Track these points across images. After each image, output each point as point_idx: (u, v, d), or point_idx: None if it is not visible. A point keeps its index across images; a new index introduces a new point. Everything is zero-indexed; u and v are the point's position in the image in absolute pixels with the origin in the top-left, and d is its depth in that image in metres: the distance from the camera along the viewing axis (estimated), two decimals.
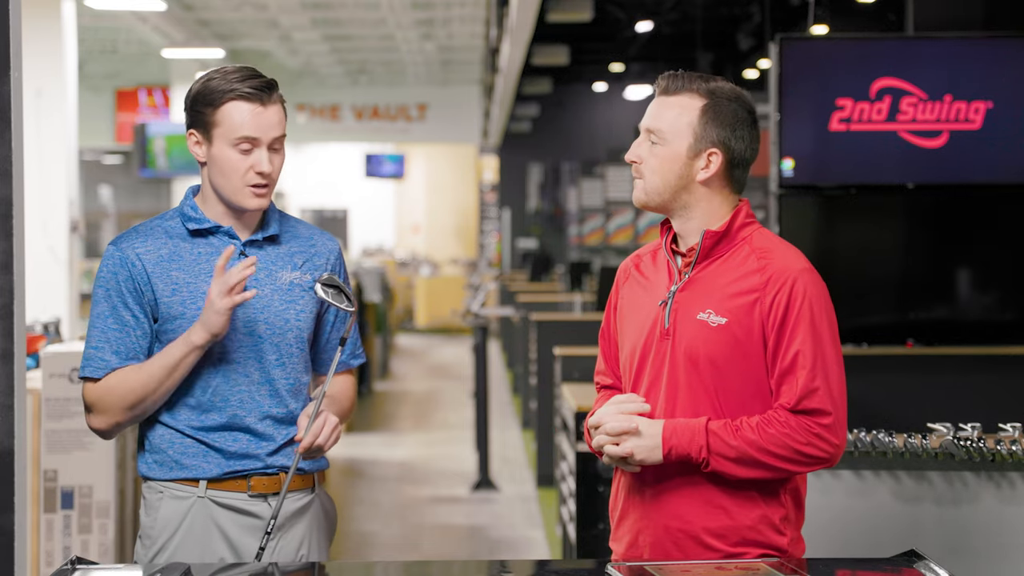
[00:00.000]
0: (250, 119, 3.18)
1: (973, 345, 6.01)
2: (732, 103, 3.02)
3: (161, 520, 3.22)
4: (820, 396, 2.91)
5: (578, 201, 19.60)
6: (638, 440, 2.95)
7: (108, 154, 21.49)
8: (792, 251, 3.03)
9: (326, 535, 3.39)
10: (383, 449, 11.47)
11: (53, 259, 10.60)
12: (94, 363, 3.21)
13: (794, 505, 3.03)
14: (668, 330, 3.00)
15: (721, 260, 3.01)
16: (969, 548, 4.13)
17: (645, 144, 3.05)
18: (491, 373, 11.56)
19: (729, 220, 3.02)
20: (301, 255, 3.35)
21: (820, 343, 2.93)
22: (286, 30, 15.99)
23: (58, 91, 10.71)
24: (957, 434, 4.13)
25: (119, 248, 3.24)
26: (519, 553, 7.80)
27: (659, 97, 3.07)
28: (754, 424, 2.91)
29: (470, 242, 28.47)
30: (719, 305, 2.96)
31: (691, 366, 2.97)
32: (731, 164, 3.03)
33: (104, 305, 3.22)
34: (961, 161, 5.97)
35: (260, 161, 3.20)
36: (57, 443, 5.02)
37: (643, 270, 3.15)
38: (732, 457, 2.91)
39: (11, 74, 3.05)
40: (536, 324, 10.14)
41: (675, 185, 3.02)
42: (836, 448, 2.93)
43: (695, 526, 2.98)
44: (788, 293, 2.93)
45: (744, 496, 2.97)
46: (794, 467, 2.93)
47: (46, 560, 5.00)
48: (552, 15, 12.08)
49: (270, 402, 3.26)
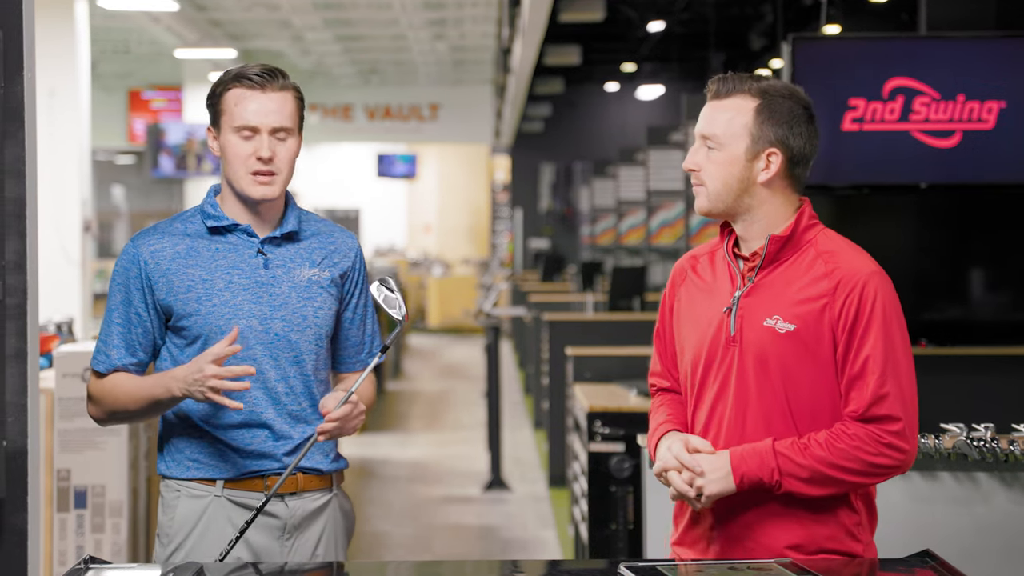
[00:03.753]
0: (250, 104, 3.22)
1: (986, 345, 5.99)
2: (786, 100, 2.96)
3: (178, 519, 3.23)
4: (890, 401, 2.86)
5: (590, 201, 19.58)
6: (704, 478, 2.89)
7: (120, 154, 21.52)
8: (859, 252, 2.99)
9: (344, 535, 3.40)
10: (395, 449, 11.48)
11: (66, 259, 10.62)
12: (99, 356, 3.29)
13: (867, 510, 2.99)
14: (734, 337, 2.95)
15: (787, 264, 2.96)
16: (983, 549, 4.12)
17: (702, 151, 2.99)
18: (503, 373, 11.55)
19: (794, 223, 2.97)
20: (320, 251, 3.36)
21: (891, 347, 2.88)
22: (298, 30, 16.00)
23: (71, 91, 10.74)
24: (970, 434, 4.11)
25: (135, 245, 3.28)
26: (531, 553, 7.80)
27: (711, 101, 3.01)
28: (822, 440, 2.86)
29: (482, 242, 28.46)
30: (787, 311, 2.91)
31: (761, 373, 2.92)
32: (791, 162, 2.96)
33: (115, 299, 3.28)
34: (974, 161, 5.96)
35: (260, 147, 3.22)
36: (70, 443, 5.03)
37: (700, 272, 3.10)
38: (804, 477, 2.85)
39: (24, 74, 3.06)
40: (548, 324, 10.13)
41: (737, 189, 2.96)
42: (907, 455, 2.87)
43: (777, 543, 2.93)
44: (859, 297, 2.89)
45: (819, 505, 2.91)
46: (866, 479, 2.88)
47: (59, 559, 5.01)
48: (564, 15, 12.07)
49: (287, 399, 3.27)
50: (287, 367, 3.27)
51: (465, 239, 28.85)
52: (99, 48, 17.11)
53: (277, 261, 3.29)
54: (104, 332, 3.29)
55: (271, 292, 3.25)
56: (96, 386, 3.30)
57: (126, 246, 3.30)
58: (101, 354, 3.29)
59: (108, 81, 19.02)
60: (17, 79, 3.04)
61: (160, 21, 13.92)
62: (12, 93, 3.03)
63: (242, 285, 3.24)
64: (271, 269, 3.27)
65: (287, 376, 3.27)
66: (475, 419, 12.98)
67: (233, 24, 15.46)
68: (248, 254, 3.27)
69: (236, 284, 3.24)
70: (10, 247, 3.06)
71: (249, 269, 3.26)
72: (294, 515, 3.27)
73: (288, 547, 3.25)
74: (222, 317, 3.21)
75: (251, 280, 3.25)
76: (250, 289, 3.24)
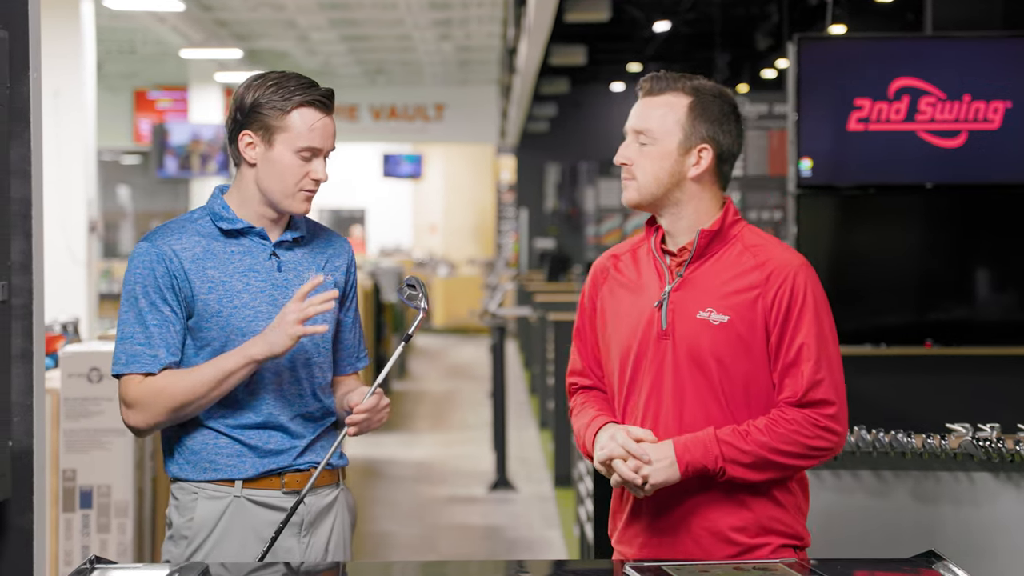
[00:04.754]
0: (318, 127, 3.24)
1: (991, 345, 5.99)
2: (717, 99, 3.06)
3: (198, 520, 3.23)
4: (825, 387, 2.95)
5: (595, 201, 19.58)
6: (650, 466, 2.94)
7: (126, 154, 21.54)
8: (785, 247, 3.08)
9: (350, 530, 3.43)
10: (401, 449, 11.48)
11: (71, 259, 10.63)
12: (141, 360, 3.19)
13: (803, 494, 3.08)
14: (666, 331, 3.01)
15: (715, 258, 3.03)
16: (988, 549, 4.11)
17: (634, 146, 3.08)
18: (508, 373, 11.56)
19: (721, 217, 3.05)
20: (323, 255, 3.38)
21: (822, 335, 2.97)
22: (304, 30, 16.02)
23: (76, 91, 10.75)
24: (976, 434, 4.11)
25: (154, 244, 3.23)
26: (536, 553, 7.80)
27: (644, 98, 3.10)
28: (762, 426, 2.94)
29: (487, 242, 28.46)
30: (719, 303, 2.98)
31: (695, 366, 2.99)
32: (720, 159, 3.06)
33: (143, 301, 3.20)
34: (979, 161, 5.96)
35: (317, 170, 3.25)
36: (76, 443, 5.04)
37: (623, 270, 3.16)
38: (747, 463, 2.93)
39: (30, 75, 3.06)
40: (553, 324, 10.13)
41: (667, 183, 3.05)
42: (840, 437, 2.97)
43: (719, 523, 2.99)
44: (791, 287, 2.97)
45: (757, 489, 2.99)
46: (804, 462, 2.97)
47: (65, 559, 5.01)
48: (569, 15, 12.06)
49: (301, 401, 3.29)
50: (300, 369, 3.29)
51: (470, 239, 28.85)
52: (105, 48, 17.13)
53: (289, 264, 3.30)
54: (138, 336, 3.19)
55: (285, 295, 3.26)
56: (139, 389, 3.19)
57: (143, 247, 3.23)
58: (142, 357, 3.18)
59: (113, 81, 19.03)
60: (23, 79, 3.05)
61: (166, 21, 13.93)
62: (18, 93, 3.04)
63: (259, 288, 3.25)
64: (284, 272, 3.29)
65: (299, 378, 3.29)
66: (480, 419, 12.97)
67: (239, 24, 15.48)
68: (262, 257, 3.28)
69: (254, 287, 3.25)
70: (16, 247, 3.07)
71: (265, 272, 3.26)
72: (310, 512, 3.29)
73: (306, 544, 3.28)
74: (243, 320, 3.21)
75: (267, 283, 3.26)
76: (267, 292, 3.25)
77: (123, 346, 3.21)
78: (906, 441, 4.13)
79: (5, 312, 3.02)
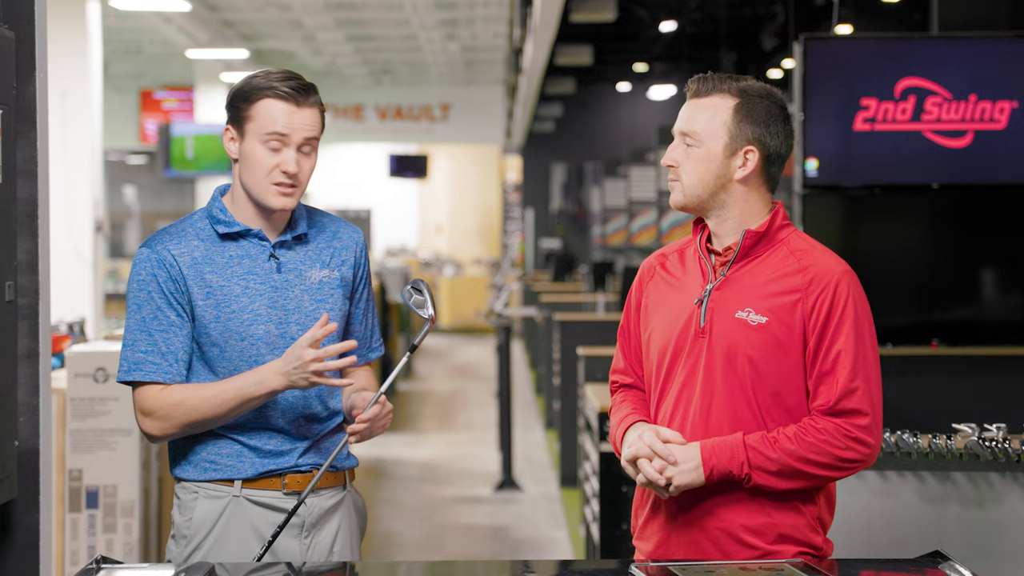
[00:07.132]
0: (282, 117, 3.19)
1: (998, 345, 5.98)
2: (764, 100, 3.03)
3: (196, 520, 3.24)
4: (859, 396, 2.92)
5: (601, 201, 19.58)
6: (676, 468, 2.94)
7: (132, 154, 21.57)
8: (831, 253, 3.04)
9: (357, 532, 3.42)
10: (407, 449, 11.48)
11: (78, 259, 10.64)
12: (144, 367, 3.19)
13: (827, 506, 3.05)
14: (704, 328, 3.00)
15: (759, 260, 3.02)
16: (994, 549, 4.11)
17: (680, 147, 3.06)
18: (514, 373, 11.55)
19: (769, 220, 3.03)
20: (327, 251, 3.36)
21: (861, 344, 2.94)
22: (310, 30, 16.02)
23: (83, 92, 10.75)
24: (982, 435, 4.11)
25: (154, 250, 3.23)
26: (542, 553, 7.80)
27: (691, 100, 3.08)
28: (791, 434, 2.92)
29: (493, 242, 28.47)
30: (759, 304, 2.97)
31: (728, 365, 2.97)
32: (767, 161, 3.04)
33: (148, 308, 3.20)
34: (986, 161, 5.95)
35: (287, 160, 3.21)
36: (82, 443, 5.04)
37: (670, 268, 3.15)
38: (773, 471, 2.91)
39: (36, 75, 3.07)
40: (559, 324, 10.13)
41: (713, 185, 3.03)
42: (872, 449, 2.94)
43: (734, 524, 2.98)
44: (832, 294, 2.94)
45: (781, 495, 2.97)
46: (833, 473, 2.94)
47: (71, 559, 5.02)
48: (575, 15, 12.06)
49: (302, 402, 3.28)
50: None
51: (476, 239, 28.85)
52: (111, 48, 17.14)
53: (289, 264, 3.29)
54: (143, 343, 3.20)
55: (285, 296, 3.25)
56: (157, 399, 3.19)
57: (143, 253, 3.23)
58: (147, 363, 3.19)
59: (120, 81, 19.04)
60: (29, 80, 3.05)
61: (172, 21, 13.94)
62: (24, 94, 3.04)
63: (258, 290, 3.24)
64: (284, 273, 3.27)
65: None
66: (486, 419, 12.98)
67: (245, 24, 15.48)
68: (261, 259, 3.27)
69: (252, 289, 3.24)
70: (22, 247, 3.07)
71: (263, 274, 3.26)
72: (312, 513, 3.28)
73: (307, 545, 3.27)
74: (241, 323, 3.21)
75: (266, 285, 3.25)
76: (266, 294, 3.24)
77: (127, 352, 3.22)
78: (912, 441, 4.12)
79: (11, 312, 3.02)
